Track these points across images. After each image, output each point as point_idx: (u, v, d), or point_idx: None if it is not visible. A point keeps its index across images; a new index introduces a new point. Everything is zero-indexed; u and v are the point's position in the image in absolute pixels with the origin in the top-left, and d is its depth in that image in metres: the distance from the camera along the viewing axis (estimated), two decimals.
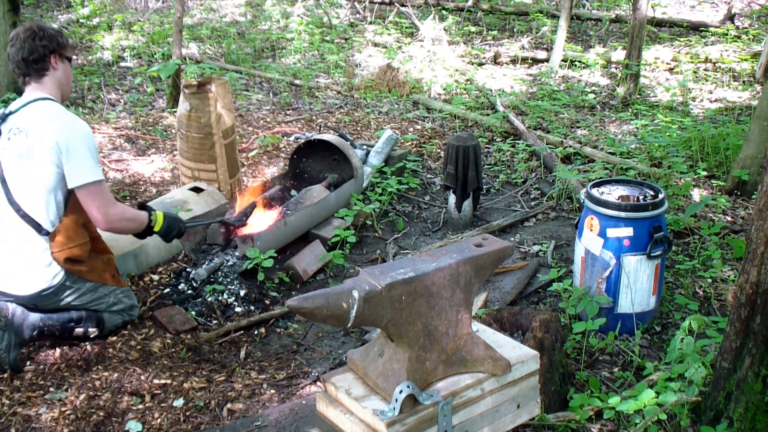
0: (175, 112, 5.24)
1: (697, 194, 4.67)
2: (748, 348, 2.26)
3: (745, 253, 2.27)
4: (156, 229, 3.13)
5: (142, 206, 3.19)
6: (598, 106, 7.02)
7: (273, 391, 2.88)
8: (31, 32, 2.93)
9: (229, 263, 3.60)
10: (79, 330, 3.00)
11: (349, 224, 4.11)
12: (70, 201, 2.91)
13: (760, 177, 2.23)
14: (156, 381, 2.89)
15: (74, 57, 2.94)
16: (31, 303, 2.90)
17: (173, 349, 3.12)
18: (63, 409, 2.68)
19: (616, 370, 2.94)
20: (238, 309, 3.46)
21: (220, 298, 3.47)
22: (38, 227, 2.84)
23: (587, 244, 3.19)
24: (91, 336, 3.05)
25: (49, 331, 2.92)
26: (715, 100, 7.17)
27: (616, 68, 8.13)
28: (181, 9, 6.10)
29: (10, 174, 2.87)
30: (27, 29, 2.94)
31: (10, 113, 2.94)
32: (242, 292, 3.51)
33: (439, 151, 5.74)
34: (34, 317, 2.89)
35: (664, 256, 3.15)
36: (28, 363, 2.94)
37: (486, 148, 5.80)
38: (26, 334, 2.86)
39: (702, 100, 7.19)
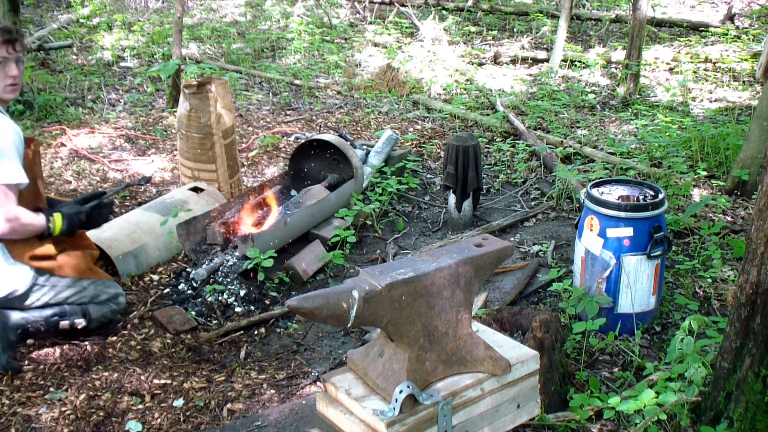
0: (175, 112, 5.24)
1: (697, 194, 4.67)
2: (748, 348, 2.26)
3: (745, 253, 2.27)
4: (55, 233, 2.89)
5: (50, 203, 3.03)
6: (598, 106, 7.02)
7: (273, 391, 2.88)
8: None
9: (229, 263, 3.60)
10: (64, 323, 2.95)
11: (349, 224, 4.11)
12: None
13: (760, 177, 2.23)
14: (156, 381, 2.89)
15: (7, 55, 2.83)
16: (6, 306, 2.85)
17: (173, 349, 3.12)
18: (63, 409, 2.68)
19: (616, 370, 2.93)
20: (238, 309, 3.46)
21: (220, 298, 3.47)
22: None
23: (587, 244, 3.19)
24: (80, 327, 3.00)
25: (34, 328, 2.90)
26: (715, 100, 7.17)
27: (616, 68, 8.13)
28: (181, 9, 6.10)
29: None
30: None
31: None
32: (242, 292, 3.51)
33: (439, 151, 5.74)
34: (15, 318, 2.86)
35: (664, 256, 3.15)
36: (27, 363, 2.94)
37: (486, 148, 5.80)
38: (12, 336, 2.84)
39: (702, 100, 7.18)
